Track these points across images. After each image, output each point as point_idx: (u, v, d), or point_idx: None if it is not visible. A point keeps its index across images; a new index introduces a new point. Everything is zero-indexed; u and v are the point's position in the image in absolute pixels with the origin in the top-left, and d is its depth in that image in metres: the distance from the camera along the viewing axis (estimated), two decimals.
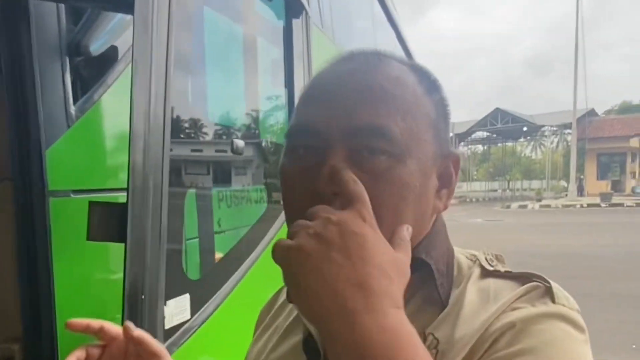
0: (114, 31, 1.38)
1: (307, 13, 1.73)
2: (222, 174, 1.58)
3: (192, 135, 1.46)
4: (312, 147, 0.62)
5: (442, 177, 0.68)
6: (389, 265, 0.52)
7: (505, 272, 0.68)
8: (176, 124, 1.33)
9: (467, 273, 0.69)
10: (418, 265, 0.64)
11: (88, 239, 0.98)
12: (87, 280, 1.23)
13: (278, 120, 1.88)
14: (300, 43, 1.74)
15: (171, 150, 1.09)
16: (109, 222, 0.99)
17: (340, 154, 0.60)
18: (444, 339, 0.62)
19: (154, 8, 1.03)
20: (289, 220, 0.63)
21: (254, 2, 1.67)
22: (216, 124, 1.53)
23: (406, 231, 0.59)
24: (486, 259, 0.71)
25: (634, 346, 5.13)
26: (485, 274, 0.68)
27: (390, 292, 0.50)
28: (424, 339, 0.62)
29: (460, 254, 0.73)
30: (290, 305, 0.78)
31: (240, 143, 1.41)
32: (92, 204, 0.99)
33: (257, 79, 1.61)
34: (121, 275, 1.05)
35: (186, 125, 1.37)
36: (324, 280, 0.50)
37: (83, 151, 1.28)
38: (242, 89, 1.62)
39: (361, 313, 0.48)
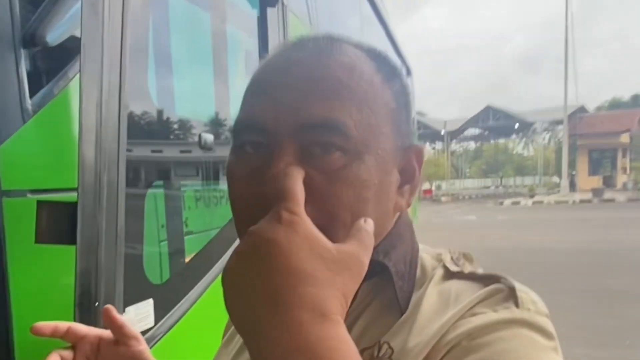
0: (73, 20, 1.31)
1: (282, 1, 1.65)
2: (189, 172, 1.51)
3: (155, 130, 1.38)
4: (259, 144, 0.57)
5: (404, 172, 0.63)
6: (319, 265, 0.45)
7: (469, 273, 0.63)
8: (135, 118, 1.26)
9: (430, 275, 0.64)
10: (377, 268, 0.60)
11: (36, 241, 0.91)
12: (45, 286, 1.15)
13: None
14: (277, 34, 1.67)
15: (130, 150, 1.01)
16: (59, 223, 0.92)
17: (289, 152, 0.55)
18: (398, 348, 0.58)
19: None
20: (238, 228, 0.59)
21: None
22: (181, 119, 1.46)
23: (364, 222, 0.52)
24: (452, 258, 0.66)
25: (627, 342, 5.09)
26: (449, 275, 0.64)
27: (312, 300, 0.43)
28: (379, 349, 0.59)
29: (426, 254, 0.68)
30: None
31: (209, 138, 1.34)
32: (40, 203, 0.92)
33: (227, 71, 1.54)
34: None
35: (147, 119, 1.30)
36: (240, 297, 0.45)
37: (41, 148, 1.20)
38: (210, 81, 1.55)
39: (273, 330, 0.43)
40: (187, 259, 1.36)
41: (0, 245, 1.08)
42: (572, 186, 35.27)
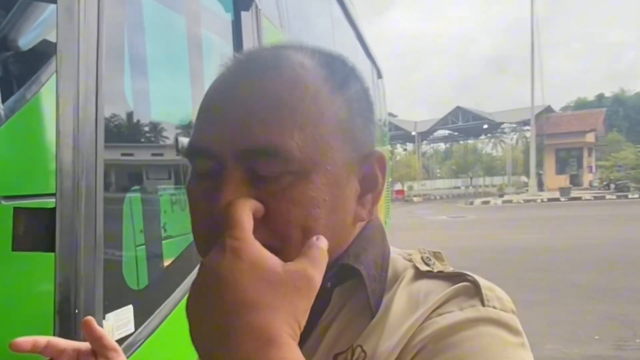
0: (45, 24, 1.29)
1: (256, 5, 1.65)
2: (166, 176, 1.50)
3: (131, 135, 1.37)
4: (209, 168, 0.56)
5: (365, 181, 0.61)
6: (263, 290, 0.45)
7: (438, 272, 0.63)
8: (112, 123, 1.24)
9: (400, 274, 0.64)
10: (349, 272, 0.61)
11: (14, 249, 0.89)
12: (21, 295, 1.13)
13: None
14: (251, 37, 1.67)
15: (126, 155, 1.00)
16: (36, 230, 0.91)
17: (237, 176, 0.53)
18: (370, 351, 0.58)
19: None
20: (198, 250, 0.58)
21: None
22: (157, 123, 1.44)
23: (316, 239, 0.52)
24: (422, 258, 0.66)
25: (597, 337, 5.21)
26: (419, 275, 0.63)
27: (257, 327, 0.43)
28: (352, 353, 0.59)
29: (398, 254, 0.68)
30: None
31: (185, 141, 1.32)
32: (17, 210, 0.90)
33: (203, 75, 1.53)
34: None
35: (123, 124, 1.28)
36: (197, 330, 0.46)
37: (14, 154, 1.19)
38: (186, 85, 1.54)
39: None
40: (166, 264, 1.35)
41: None
42: (540, 185, 35.96)
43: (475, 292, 0.58)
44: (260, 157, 0.53)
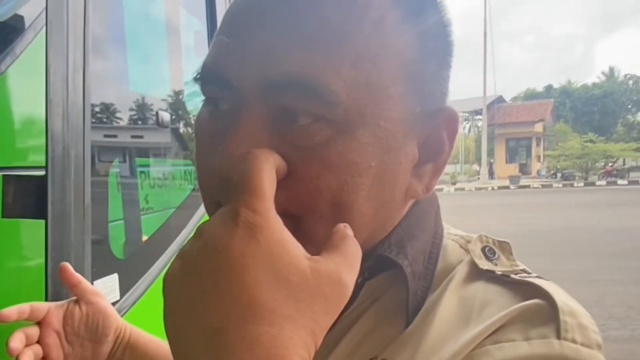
0: None
1: None
2: (146, 151, 1.52)
3: (112, 108, 1.39)
4: (225, 99, 0.44)
5: (427, 146, 0.47)
6: (281, 294, 0.33)
7: (502, 274, 0.47)
8: (94, 95, 1.26)
9: (452, 269, 0.50)
10: (388, 264, 0.48)
11: (3, 216, 0.91)
12: (11, 262, 1.14)
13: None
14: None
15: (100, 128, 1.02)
16: (26, 197, 0.92)
17: (256, 117, 0.41)
18: None
19: None
20: (204, 203, 0.47)
21: None
22: (137, 97, 1.47)
23: (344, 229, 0.39)
24: (483, 249, 0.51)
25: None
26: (476, 273, 0.48)
27: (266, 344, 0.31)
28: None
29: (451, 239, 0.54)
30: None
31: (165, 116, 1.35)
32: (6, 177, 0.92)
33: (180, 52, 1.55)
34: (36, 256, 0.99)
35: (105, 98, 1.30)
36: (176, 323, 0.34)
37: None
38: (164, 60, 1.56)
39: None
40: (148, 235, 1.38)
41: None
42: (491, 174, 36.90)
43: (550, 315, 0.42)
44: (292, 94, 0.40)
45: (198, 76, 0.46)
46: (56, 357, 0.76)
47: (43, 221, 0.89)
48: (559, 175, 34.44)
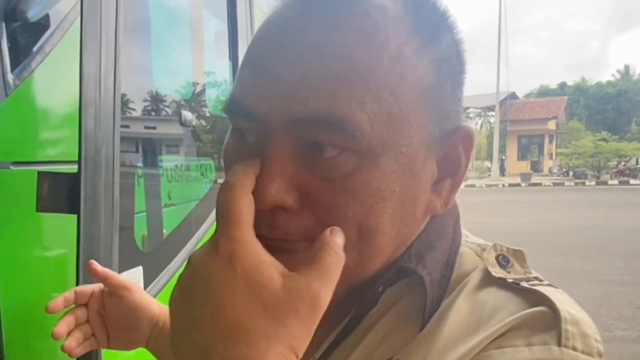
0: None
1: None
2: (167, 147, 1.57)
3: (140, 107, 1.44)
4: (252, 131, 0.47)
5: (445, 163, 0.50)
6: (256, 313, 0.37)
7: (513, 282, 0.49)
8: (124, 95, 1.31)
9: (467, 277, 0.52)
10: (408, 273, 0.51)
11: (38, 210, 0.96)
12: (30, 255, 1.20)
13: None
14: (244, 16, 1.74)
15: (126, 126, 1.07)
16: (59, 192, 0.97)
17: (284, 149, 0.43)
18: None
19: None
20: None
21: None
22: (163, 95, 1.51)
23: (331, 236, 0.41)
24: (497, 257, 0.53)
25: None
26: (489, 280, 0.50)
27: (244, 359, 0.36)
28: None
29: (468, 247, 0.55)
30: None
31: (188, 115, 1.40)
32: (41, 174, 0.97)
33: (201, 52, 1.60)
34: (65, 249, 1.05)
35: (133, 97, 1.35)
36: (176, 341, 0.39)
37: (22, 121, 1.23)
38: (187, 61, 1.60)
39: None
40: (170, 229, 1.44)
41: None
42: (502, 170, 36.71)
43: (553, 323, 0.44)
44: (318, 130, 0.43)
45: (227, 108, 0.48)
46: (101, 337, 0.85)
47: (75, 216, 0.94)
48: (570, 173, 34.21)
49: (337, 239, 0.41)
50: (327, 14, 0.44)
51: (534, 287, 0.48)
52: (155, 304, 0.87)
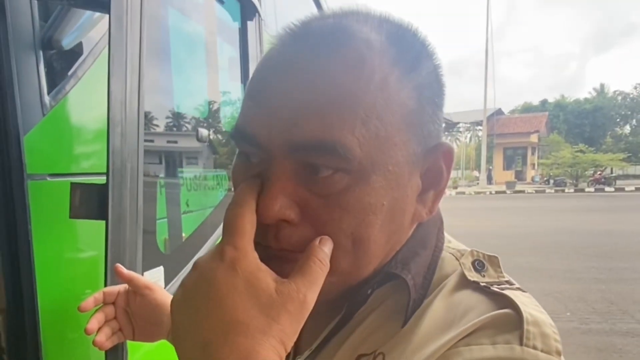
0: (82, 28, 1.36)
1: (259, 15, 1.74)
2: (185, 160, 1.59)
3: (161, 125, 1.46)
4: (256, 155, 0.48)
5: (428, 176, 0.51)
6: (254, 311, 0.39)
7: (484, 285, 0.50)
8: (147, 114, 1.33)
9: (445, 279, 0.52)
10: (393, 276, 0.52)
11: (70, 216, 0.98)
12: (64, 257, 1.21)
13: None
14: (254, 43, 1.76)
15: (150, 141, 1.09)
16: (90, 201, 0.99)
17: (285, 171, 0.45)
18: None
19: (128, 7, 1.03)
20: None
21: (213, 4, 1.68)
22: (179, 114, 1.53)
23: (319, 246, 0.44)
24: (473, 262, 0.53)
25: (568, 314, 5.34)
26: (464, 283, 0.51)
27: (242, 351, 0.38)
28: (374, 359, 0.50)
29: (449, 252, 0.56)
30: None
31: (204, 132, 1.42)
32: (73, 185, 0.99)
33: (216, 75, 1.62)
34: (96, 251, 1.06)
35: (156, 114, 1.37)
36: (178, 338, 0.41)
37: (57, 138, 1.26)
38: (204, 84, 1.63)
39: None
40: (188, 233, 1.45)
41: (27, 221, 1.14)
42: (489, 179, 36.61)
43: (516, 324, 0.44)
44: (314, 153, 0.44)
45: (233, 134, 0.50)
46: (127, 331, 0.87)
47: (104, 222, 0.96)
48: (551, 181, 34.09)
49: (325, 247, 0.44)
50: (319, 49, 0.45)
51: (503, 291, 0.48)
52: None
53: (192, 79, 1.57)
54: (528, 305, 0.47)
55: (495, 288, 0.49)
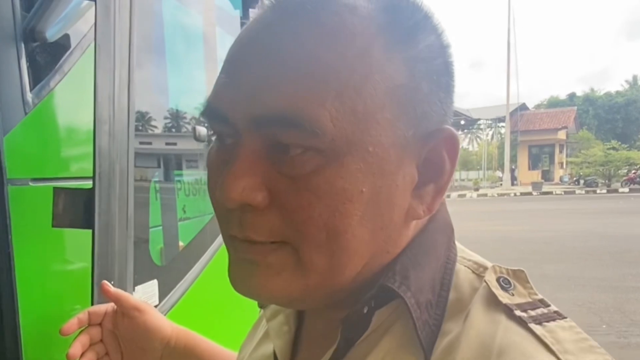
0: (68, 18, 1.33)
1: (262, 3, 1.72)
2: (185, 162, 1.56)
3: (152, 123, 1.43)
4: (225, 134, 0.46)
5: (427, 167, 0.46)
6: None
7: (520, 315, 0.43)
8: (138, 112, 1.30)
9: (467, 299, 0.46)
10: (387, 291, 0.46)
11: (53, 225, 0.95)
12: (48, 269, 1.19)
13: None
14: None
15: (148, 143, 1.06)
16: (74, 208, 0.96)
17: (252, 148, 0.43)
18: None
19: None
20: (219, 225, 0.49)
21: None
22: (177, 111, 1.51)
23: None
24: (499, 280, 0.47)
25: (604, 326, 5.28)
26: (495, 309, 0.45)
27: None
28: None
29: (463, 264, 0.50)
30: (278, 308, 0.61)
31: (202, 130, 1.39)
32: (56, 190, 0.96)
33: (216, 68, 1.59)
34: (83, 263, 1.03)
35: (147, 113, 1.34)
36: None
37: (41, 139, 1.23)
38: (202, 78, 1.60)
39: None
40: (185, 243, 1.42)
41: (6, 229, 1.11)
42: (513, 180, 36.42)
43: None
44: (279, 128, 0.41)
45: (202, 111, 0.47)
46: (115, 356, 0.83)
47: (90, 231, 0.93)
48: (581, 181, 33.83)
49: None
50: (295, 15, 0.43)
51: (542, 327, 0.43)
52: (167, 323, 0.86)
53: (189, 73, 1.55)
54: (572, 344, 0.42)
55: (533, 325, 0.43)
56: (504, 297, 0.45)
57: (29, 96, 1.21)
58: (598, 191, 29.01)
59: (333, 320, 0.48)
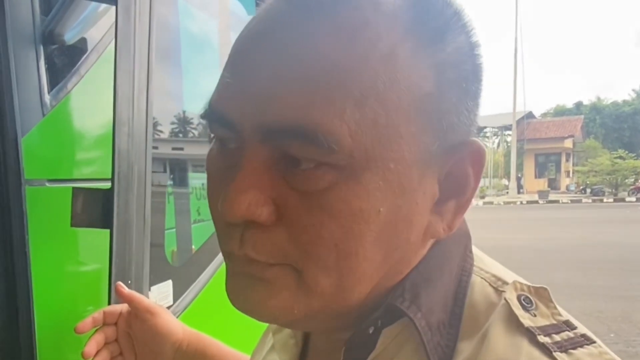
0: (86, 22, 1.35)
1: None
2: (200, 167, 1.57)
3: (170, 128, 1.44)
4: (232, 140, 0.41)
5: (449, 182, 0.42)
6: None
7: (544, 342, 0.39)
8: (155, 116, 1.32)
9: (484, 316, 0.42)
10: (396, 310, 0.42)
11: (72, 225, 0.96)
12: (64, 269, 1.20)
13: None
14: None
15: (156, 146, 1.07)
16: (93, 208, 0.97)
17: (259, 159, 0.38)
18: None
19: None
20: (217, 234, 0.45)
21: None
22: (190, 117, 1.52)
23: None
24: (519, 298, 0.42)
25: (612, 335, 5.24)
26: (515, 330, 0.40)
27: None
28: None
29: (480, 276, 0.46)
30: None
31: None
32: (75, 190, 0.97)
33: None
34: (98, 263, 1.04)
35: (164, 115, 1.36)
36: None
37: (58, 140, 1.25)
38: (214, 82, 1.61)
39: None
40: (199, 244, 1.44)
41: (23, 229, 1.12)
42: (519, 188, 36.30)
43: None
44: (290, 141, 0.37)
45: (204, 113, 0.42)
46: (129, 356, 0.84)
47: (108, 231, 0.94)
48: (588, 190, 33.71)
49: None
50: (311, 9, 0.37)
51: (569, 356, 0.39)
52: (180, 327, 0.85)
53: (203, 77, 1.56)
54: None
55: (558, 353, 0.38)
56: (525, 319, 0.40)
57: (47, 98, 1.22)
58: (605, 200, 28.89)
59: (339, 340, 0.45)
